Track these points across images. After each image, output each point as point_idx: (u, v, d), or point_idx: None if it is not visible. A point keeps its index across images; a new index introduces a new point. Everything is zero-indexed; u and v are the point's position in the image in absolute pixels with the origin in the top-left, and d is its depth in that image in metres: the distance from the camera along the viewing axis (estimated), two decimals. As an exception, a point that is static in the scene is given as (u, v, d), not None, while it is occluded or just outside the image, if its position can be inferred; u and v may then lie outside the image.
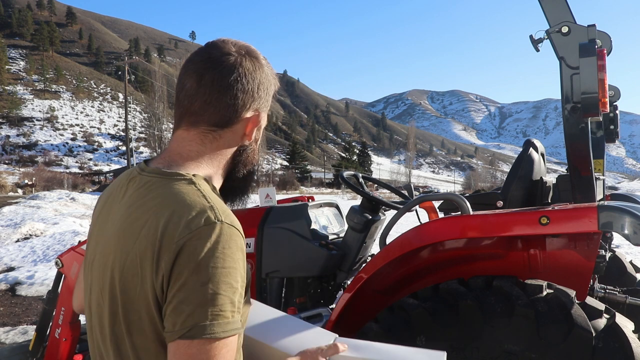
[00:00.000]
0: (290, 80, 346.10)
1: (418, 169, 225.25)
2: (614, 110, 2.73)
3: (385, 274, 2.03)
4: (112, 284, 0.94)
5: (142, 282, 0.90)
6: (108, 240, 0.99)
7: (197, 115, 1.03)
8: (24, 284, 6.79)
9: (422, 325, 1.72)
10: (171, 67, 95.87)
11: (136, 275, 0.91)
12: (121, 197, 1.03)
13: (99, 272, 0.99)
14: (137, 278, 0.91)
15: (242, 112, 1.04)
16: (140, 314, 0.92)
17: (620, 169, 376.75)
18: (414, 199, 2.32)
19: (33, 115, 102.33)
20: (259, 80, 1.06)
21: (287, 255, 2.46)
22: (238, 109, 1.03)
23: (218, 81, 1.01)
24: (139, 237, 0.92)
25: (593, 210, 1.62)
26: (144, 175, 1.02)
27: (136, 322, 0.92)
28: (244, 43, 1.09)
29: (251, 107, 1.05)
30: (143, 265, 0.90)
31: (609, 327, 1.57)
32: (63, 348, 2.63)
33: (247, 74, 1.04)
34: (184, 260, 0.87)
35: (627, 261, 3.21)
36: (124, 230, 0.96)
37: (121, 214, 0.99)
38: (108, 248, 0.98)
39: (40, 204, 19.14)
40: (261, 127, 1.12)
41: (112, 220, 1.01)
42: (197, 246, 0.88)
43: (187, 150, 1.04)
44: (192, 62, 1.05)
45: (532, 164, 2.54)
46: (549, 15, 1.91)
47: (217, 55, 1.03)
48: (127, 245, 0.93)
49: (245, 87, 1.03)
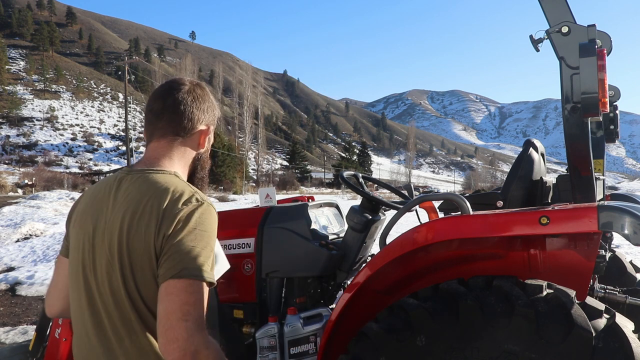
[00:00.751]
0: (290, 80, 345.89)
1: (418, 169, 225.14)
2: (614, 110, 2.73)
3: (385, 274, 2.03)
4: (120, 252, 1.26)
5: (145, 245, 1.24)
6: (110, 224, 1.30)
7: (164, 129, 1.39)
8: (24, 284, 6.79)
9: (422, 325, 1.72)
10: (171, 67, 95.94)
11: (141, 241, 1.25)
12: (114, 193, 1.34)
13: (105, 250, 1.29)
14: (141, 243, 1.25)
15: (197, 124, 1.42)
16: (144, 269, 1.26)
17: (620, 169, 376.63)
18: (414, 199, 2.32)
19: (33, 115, 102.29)
20: (207, 103, 1.46)
21: (287, 255, 2.46)
22: (194, 122, 1.41)
23: (178, 103, 1.38)
24: (143, 213, 1.26)
25: (593, 210, 1.62)
26: (135, 174, 1.35)
27: (141, 276, 1.26)
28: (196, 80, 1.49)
29: (203, 121, 1.44)
30: (147, 232, 1.24)
31: (609, 327, 1.57)
32: (63, 348, 2.63)
33: (199, 97, 1.43)
34: (179, 225, 1.24)
35: (627, 261, 3.21)
36: (127, 211, 1.27)
37: (121, 202, 1.30)
38: (112, 229, 1.29)
39: (40, 204, 19.14)
40: (210, 139, 1.50)
41: (110, 210, 1.32)
42: (189, 216, 1.25)
43: (161, 154, 1.39)
44: (157, 91, 1.43)
45: (532, 164, 2.54)
46: (549, 15, 1.91)
47: (176, 85, 1.42)
48: (132, 220, 1.26)
49: (198, 106, 1.42)
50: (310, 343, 2.28)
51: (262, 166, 75.11)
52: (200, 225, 1.26)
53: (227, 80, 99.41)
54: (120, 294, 1.27)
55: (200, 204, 1.28)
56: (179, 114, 1.38)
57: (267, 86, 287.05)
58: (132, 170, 1.38)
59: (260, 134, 71.23)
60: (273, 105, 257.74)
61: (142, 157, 1.41)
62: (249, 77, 72.07)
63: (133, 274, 1.26)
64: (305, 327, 2.29)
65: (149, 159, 1.38)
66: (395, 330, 1.77)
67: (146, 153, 1.41)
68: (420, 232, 1.89)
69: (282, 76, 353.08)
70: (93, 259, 1.32)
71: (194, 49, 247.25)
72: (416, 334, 1.73)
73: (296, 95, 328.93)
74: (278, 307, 2.49)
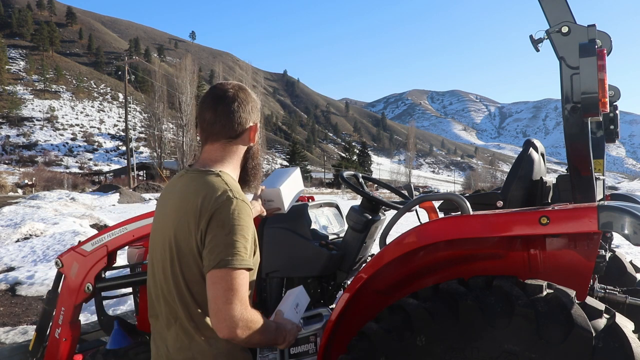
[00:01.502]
0: (290, 80, 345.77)
1: (418, 169, 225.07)
2: (614, 110, 2.73)
3: (385, 274, 2.03)
4: (171, 243, 1.51)
5: (189, 238, 1.47)
6: (167, 216, 1.56)
7: (217, 135, 1.60)
8: (24, 284, 6.79)
9: (422, 325, 1.72)
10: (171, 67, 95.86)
11: (185, 234, 1.47)
12: (174, 189, 1.61)
13: (161, 238, 1.55)
14: (186, 235, 1.47)
15: (246, 125, 1.63)
16: (189, 259, 1.48)
17: (620, 169, 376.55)
18: (414, 199, 2.32)
19: (33, 115, 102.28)
20: (251, 103, 1.64)
21: (287, 255, 2.46)
22: (243, 124, 1.61)
23: (227, 111, 1.58)
24: (187, 210, 1.48)
25: (593, 210, 1.62)
26: (189, 173, 1.60)
27: (186, 264, 1.49)
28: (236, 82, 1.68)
29: (250, 120, 1.64)
30: (189, 227, 1.47)
31: (609, 327, 1.57)
32: (63, 348, 2.63)
33: (243, 101, 1.61)
34: (214, 221, 1.44)
35: (627, 261, 3.21)
36: (178, 207, 1.52)
37: (176, 198, 1.56)
38: (168, 221, 1.54)
39: (40, 204, 19.14)
40: (258, 131, 1.70)
41: (169, 204, 1.58)
42: (222, 212, 1.45)
43: (214, 157, 1.62)
44: (206, 101, 1.61)
45: (532, 164, 2.54)
46: (549, 15, 1.91)
47: (222, 93, 1.60)
48: (179, 216, 1.50)
49: (245, 109, 1.61)
50: (310, 343, 2.28)
51: (262, 166, 75.14)
52: (233, 219, 1.45)
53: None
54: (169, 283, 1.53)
55: (232, 199, 1.47)
56: (229, 120, 1.59)
57: (267, 86, 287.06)
58: (188, 170, 1.63)
59: (260, 134, 71.29)
60: (273, 105, 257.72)
61: (199, 158, 1.65)
62: (249, 77, 72.05)
63: (181, 266, 1.50)
64: (305, 327, 2.29)
65: (203, 160, 1.62)
66: (395, 330, 1.77)
67: (202, 154, 1.65)
68: (420, 232, 1.89)
69: (282, 76, 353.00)
70: (154, 249, 1.61)
71: (194, 49, 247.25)
72: (416, 334, 1.73)
73: (296, 95, 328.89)
74: (278, 307, 2.49)
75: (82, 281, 2.65)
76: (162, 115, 58.28)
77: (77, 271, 2.67)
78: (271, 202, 2.26)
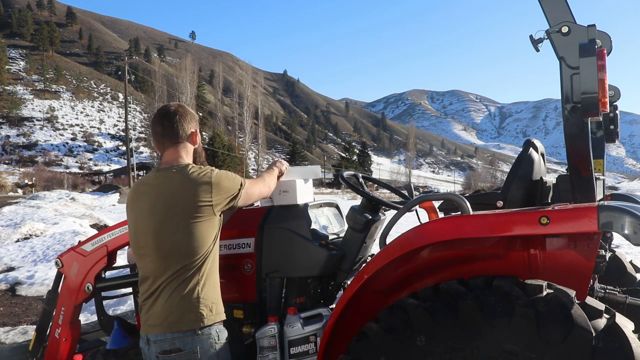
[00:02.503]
0: (290, 80, 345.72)
1: (418, 169, 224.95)
2: (614, 110, 2.73)
3: (385, 274, 2.03)
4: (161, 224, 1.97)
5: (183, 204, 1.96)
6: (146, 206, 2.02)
7: (170, 141, 2.09)
8: (24, 284, 6.79)
9: (422, 325, 1.72)
10: (171, 67, 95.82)
11: (181, 213, 1.95)
12: (147, 187, 2.06)
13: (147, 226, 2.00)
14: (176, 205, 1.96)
15: (188, 131, 2.13)
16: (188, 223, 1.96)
17: (620, 169, 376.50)
18: (414, 199, 2.32)
19: (33, 115, 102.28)
20: (189, 115, 2.14)
21: (287, 255, 2.46)
22: (186, 131, 2.12)
23: (172, 124, 2.08)
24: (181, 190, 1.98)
25: (593, 210, 1.62)
26: (162, 172, 2.06)
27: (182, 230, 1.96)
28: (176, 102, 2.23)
29: (191, 127, 2.14)
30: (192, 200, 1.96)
31: (609, 327, 1.58)
32: (63, 348, 2.63)
33: (183, 114, 2.11)
34: (214, 185, 1.99)
35: (627, 261, 3.21)
36: (160, 193, 1.99)
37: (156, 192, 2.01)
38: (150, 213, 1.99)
39: (40, 204, 19.14)
40: (199, 136, 2.19)
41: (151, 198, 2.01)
42: (213, 176, 2.01)
43: (174, 157, 2.10)
44: (155, 119, 2.12)
45: (532, 164, 2.54)
46: (549, 15, 1.91)
47: (165, 111, 2.12)
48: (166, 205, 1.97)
49: (184, 119, 2.11)
50: (310, 343, 2.28)
51: (262, 166, 75.08)
52: (224, 174, 2.05)
53: (227, 80, 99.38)
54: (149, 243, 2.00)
55: (212, 170, 2.04)
56: (175, 130, 2.08)
57: (267, 86, 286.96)
58: (159, 169, 2.09)
59: (260, 134, 71.15)
60: (273, 105, 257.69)
61: (163, 160, 2.10)
62: (249, 77, 71.96)
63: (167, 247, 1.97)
64: (305, 327, 2.29)
65: (167, 162, 2.08)
66: (395, 330, 1.77)
67: (165, 157, 2.10)
68: (420, 232, 1.90)
69: (282, 76, 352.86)
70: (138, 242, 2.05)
71: (194, 49, 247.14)
72: (416, 334, 1.73)
73: (296, 95, 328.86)
74: (278, 307, 2.49)
75: (82, 281, 2.65)
76: (162, 115, 58.13)
77: (77, 271, 2.67)
78: (286, 193, 2.45)
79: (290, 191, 2.47)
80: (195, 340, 1.91)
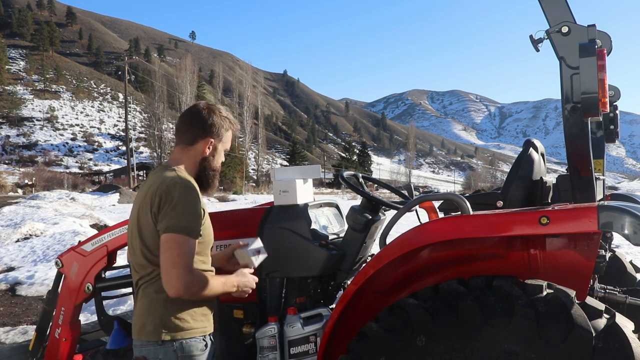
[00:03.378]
0: (290, 80, 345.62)
1: (418, 169, 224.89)
2: (614, 110, 2.73)
3: (385, 274, 2.03)
4: (138, 218, 1.85)
5: (147, 215, 1.79)
6: (136, 203, 1.90)
7: (178, 139, 1.96)
8: (24, 284, 6.79)
9: (422, 325, 1.72)
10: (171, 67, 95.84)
11: (145, 213, 1.80)
12: (142, 185, 1.93)
13: (133, 218, 1.89)
14: (146, 214, 1.80)
15: (198, 138, 1.92)
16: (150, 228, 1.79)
17: (620, 169, 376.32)
18: (414, 199, 2.32)
19: (33, 115, 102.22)
20: (210, 122, 1.92)
21: (287, 255, 2.46)
22: (195, 137, 1.92)
23: (185, 122, 1.95)
24: (147, 195, 1.81)
25: (593, 210, 1.62)
26: (154, 170, 1.94)
27: (146, 232, 1.81)
28: (212, 103, 2.00)
29: (205, 135, 1.92)
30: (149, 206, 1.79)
31: (609, 327, 1.58)
32: (63, 348, 2.63)
33: (200, 118, 1.92)
34: (164, 200, 1.75)
35: (627, 261, 3.21)
36: (144, 195, 1.85)
37: (144, 189, 1.88)
38: (136, 206, 1.89)
39: (40, 204, 19.14)
40: (217, 149, 1.98)
41: (140, 194, 1.90)
42: (169, 192, 1.76)
43: (176, 157, 1.96)
44: (182, 113, 1.99)
45: (532, 164, 2.54)
46: (549, 15, 1.91)
47: (191, 109, 1.97)
48: (143, 201, 1.83)
49: (202, 125, 1.91)
50: (310, 343, 2.28)
51: (262, 166, 75.07)
52: (179, 195, 1.75)
53: (227, 80, 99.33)
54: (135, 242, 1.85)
55: (177, 182, 1.78)
56: (187, 130, 1.93)
57: (267, 86, 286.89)
58: (158, 166, 2.07)
59: (260, 134, 71.17)
60: (273, 105, 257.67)
61: (169, 158, 2.01)
62: (249, 77, 71.97)
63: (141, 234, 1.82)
64: (305, 327, 2.29)
65: (170, 160, 1.97)
66: (395, 330, 1.78)
67: (170, 155, 2.01)
68: (420, 232, 1.90)
69: (282, 76, 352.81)
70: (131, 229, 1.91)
71: (194, 49, 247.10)
72: (416, 334, 1.73)
73: (296, 95, 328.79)
74: (278, 307, 2.49)
75: (82, 281, 2.65)
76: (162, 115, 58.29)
77: (77, 271, 2.67)
78: (286, 193, 2.43)
79: (290, 191, 2.48)
80: (158, 350, 1.76)
